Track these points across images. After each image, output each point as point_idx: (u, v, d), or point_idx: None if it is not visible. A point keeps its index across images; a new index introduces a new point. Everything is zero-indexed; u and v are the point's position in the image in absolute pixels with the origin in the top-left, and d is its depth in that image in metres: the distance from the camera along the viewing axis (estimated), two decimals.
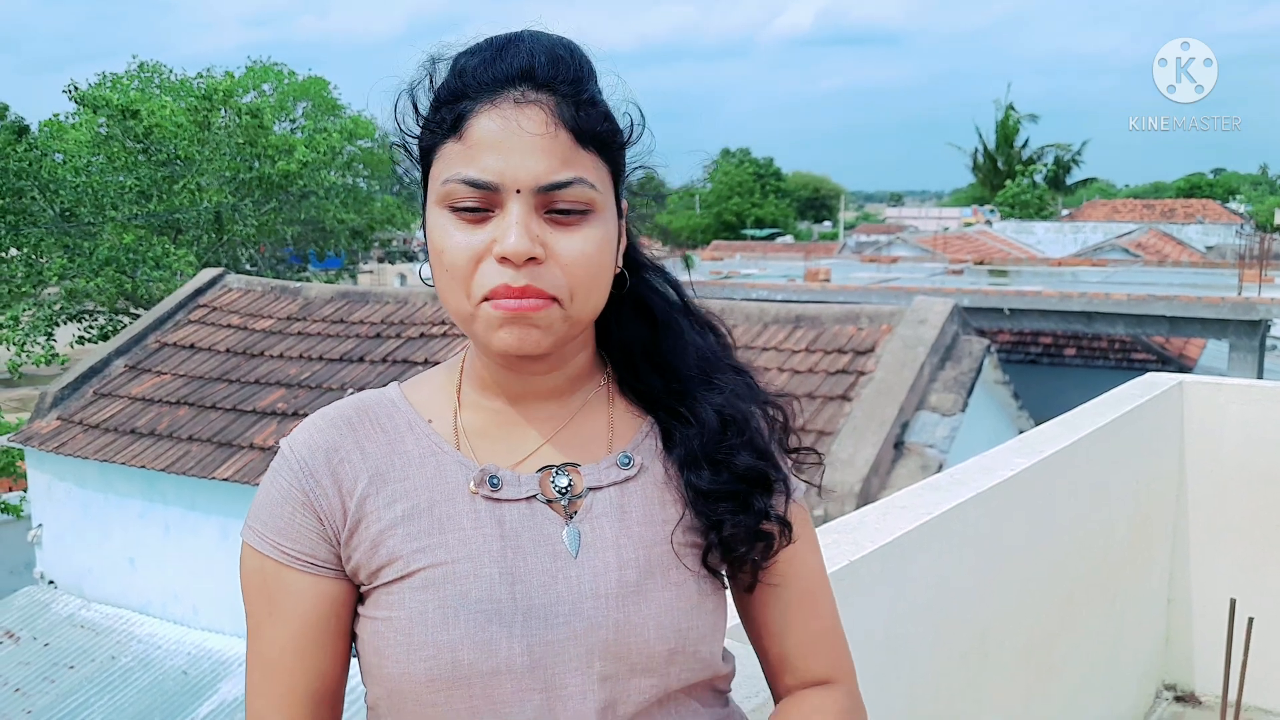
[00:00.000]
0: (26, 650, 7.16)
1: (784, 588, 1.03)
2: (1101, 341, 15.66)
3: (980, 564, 2.30)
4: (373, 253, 33.49)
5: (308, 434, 0.97)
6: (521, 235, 0.87)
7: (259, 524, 0.96)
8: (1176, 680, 3.69)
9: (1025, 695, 2.58)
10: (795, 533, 1.02)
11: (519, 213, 0.88)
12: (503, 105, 0.89)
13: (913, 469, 5.65)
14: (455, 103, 0.91)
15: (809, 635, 1.05)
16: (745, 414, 1.02)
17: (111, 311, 19.40)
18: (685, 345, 1.04)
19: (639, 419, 1.03)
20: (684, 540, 0.98)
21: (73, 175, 19.28)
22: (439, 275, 0.92)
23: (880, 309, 6.98)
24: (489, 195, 0.88)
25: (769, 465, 1.01)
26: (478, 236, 0.89)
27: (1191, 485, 3.55)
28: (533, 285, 0.88)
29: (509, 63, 0.91)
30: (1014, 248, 26.26)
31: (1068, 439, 2.70)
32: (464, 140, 0.89)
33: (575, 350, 0.99)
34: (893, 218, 52.37)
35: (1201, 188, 49.33)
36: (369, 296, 8.39)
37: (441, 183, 0.90)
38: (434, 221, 0.92)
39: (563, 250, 0.89)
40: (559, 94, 0.90)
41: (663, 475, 1.00)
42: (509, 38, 0.93)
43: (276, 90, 28.49)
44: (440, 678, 0.89)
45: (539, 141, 0.88)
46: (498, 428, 0.99)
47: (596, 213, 0.91)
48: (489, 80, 0.90)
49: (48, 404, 7.76)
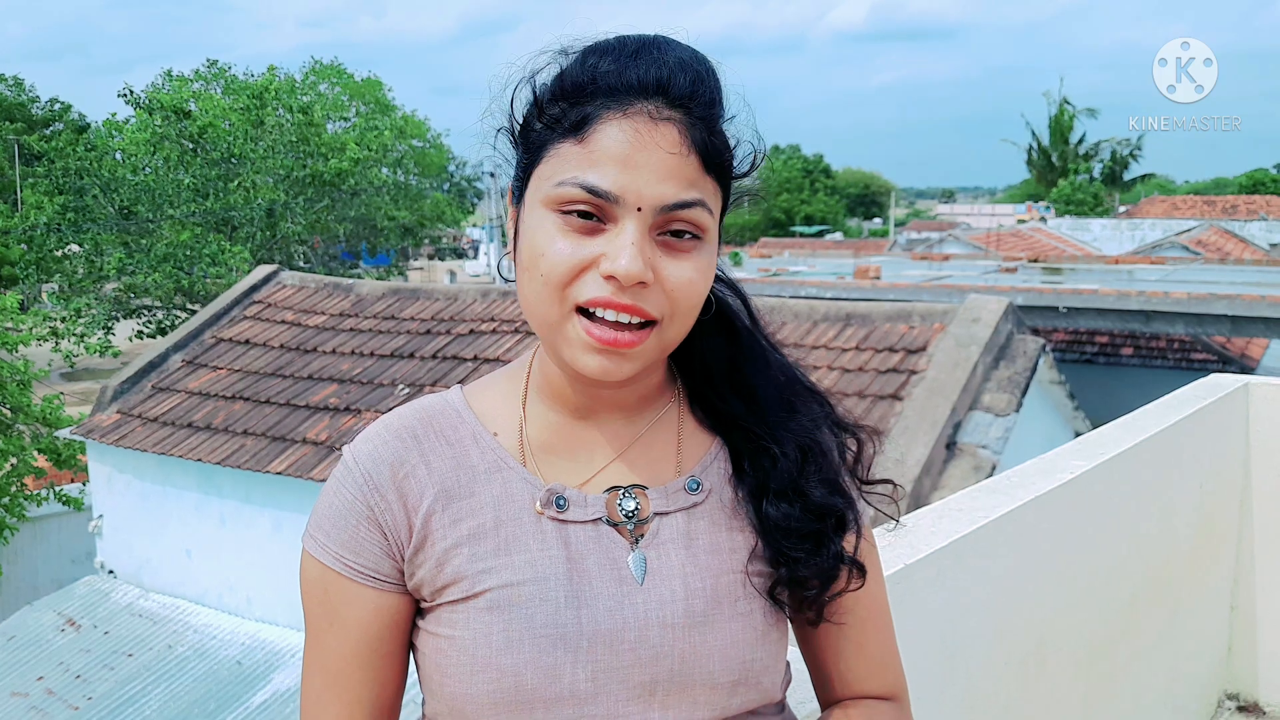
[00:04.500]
0: (87, 638, 7.33)
1: (845, 614, 1.01)
2: (1160, 341, 15.33)
3: (1038, 569, 2.25)
4: (423, 249, 33.82)
5: (372, 445, 0.95)
6: (635, 257, 0.83)
7: (321, 534, 0.94)
8: (1239, 690, 3.59)
9: (1083, 703, 2.53)
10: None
11: (635, 233, 0.84)
12: (636, 117, 0.85)
13: (965, 470, 5.57)
14: (581, 102, 0.86)
15: (866, 659, 1.03)
16: (824, 445, 0.98)
17: (169, 307, 19.84)
18: (768, 366, 1.01)
19: (708, 439, 1.00)
20: (754, 570, 0.96)
21: (131, 174, 19.72)
22: (530, 278, 0.87)
23: (932, 307, 6.89)
24: (605, 206, 0.84)
25: (845, 504, 0.97)
26: (585, 248, 0.85)
27: (1257, 490, 3.45)
28: (637, 304, 0.85)
29: (645, 71, 0.86)
30: (1069, 245, 25.81)
31: (1129, 441, 2.64)
32: (586, 144, 0.85)
33: (652, 367, 0.96)
34: (944, 214, 51.78)
35: (1265, 184, 48.03)
36: (419, 293, 8.47)
37: (555, 183, 0.85)
38: (535, 222, 0.87)
39: (671, 276, 0.86)
40: (692, 114, 0.86)
41: (731, 500, 0.97)
42: (644, 42, 0.89)
43: (333, 90, 28.90)
44: (503, 701, 0.88)
45: (670, 162, 0.85)
46: (564, 443, 0.96)
47: (706, 240, 0.88)
48: (622, 86, 0.86)
49: (108, 398, 7.94)
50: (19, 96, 36.63)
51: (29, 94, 37.39)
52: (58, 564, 11.18)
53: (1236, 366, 14.26)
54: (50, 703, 6.79)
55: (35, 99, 37.67)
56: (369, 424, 1.00)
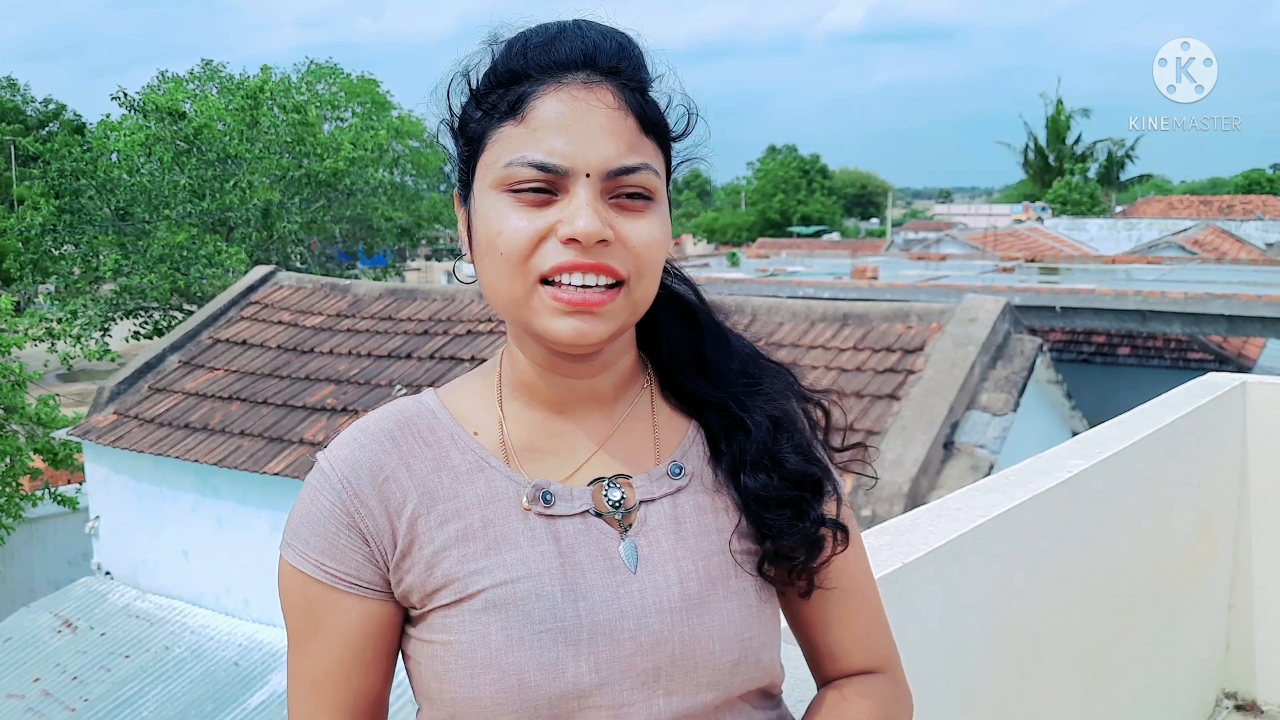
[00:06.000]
0: (84, 639, 7.32)
1: (830, 585, 1.02)
2: (1157, 341, 15.35)
3: (1036, 568, 2.25)
4: (419, 250, 33.80)
5: (349, 450, 0.93)
6: (592, 217, 0.85)
7: (299, 542, 0.93)
8: (1237, 688, 3.59)
9: (1081, 702, 2.53)
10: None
11: (588, 195, 0.86)
12: (570, 86, 0.87)
13: (963, 469, 5.58)
14: (514, 84, 0.89)
15: (856, 629, 1.04)
16: (793, 415, 1.00)
17: (165, 308, 19.81)
18: (728, 344, 1.03)
19: (683, 424, 1.01)
20: (740, 548, 0.96)
21: (127, 175, 19.69)
22: (490, 260, 0.88)
23: (930, 307, 6.89)
24: (555, 179, 0.86)
25: (820, 469, 0.99)
26: (540, 219, 0.86)
27: (1255, 489, 3.45)
28: (603, 262, 0.86)
29: (571, 45, 0.89)
30: (1066, 245, 25.82)
31: (1127, 440, 2.64)
32: (526, 122, 0.87)
33: (621, 351, 0.97)
34: (941, 215, 51.76)
35: (1261, 183, 48.06)
36: (416, 294, 8.47)
37: (503, 166, 0.87)
38: (487, 206, 0.88)
39: (629, 233, 0.87)
40: (622, 79, 0.89)
41: (712, 481, 0.98)
42: (565, 24, 0.92)
43: (329, 90, 28.83)
44: (507, 701, 0.87)
45: (609, 124, 0.87)
46: (545, 439, 0.96)
47: (657, 201, 0.90)
48: (550, 62, 0.88)
49: (105, 399, 7.93)
50: (14, 97, 36.57)
51: (24, 95, 37.34)
52: (54, 565, 11.16)
53: (1233, 366, 14.27)
54: (47, 704, 6.78)
55: (31, 99, 37.63)
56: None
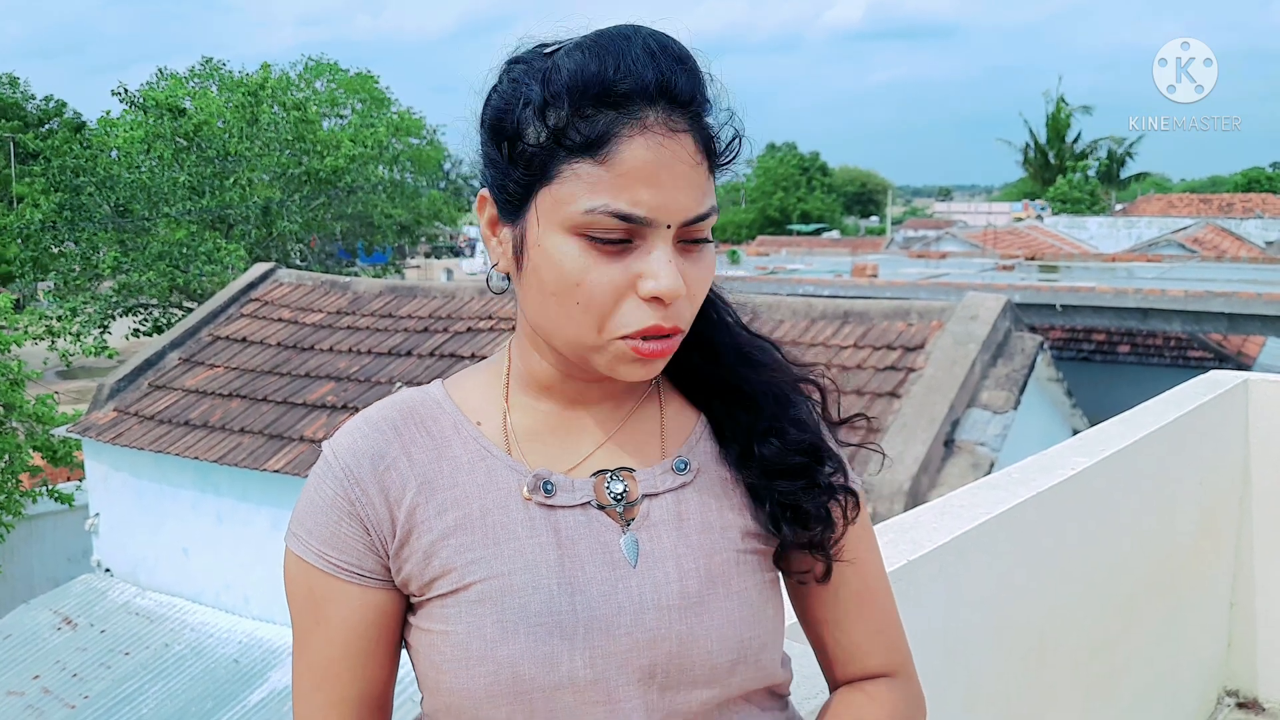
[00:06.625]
0: (83, 636, 7.32)
1: (843, 583, 1.01)
2: (1157, 339, 15.35)
3: (1039, 565, 2.25)
4: (419, 247, 33.79)
5: (351, 438, 0.93)
6: (675, 275, 0.85)
7: (303, 531, 0.93)
8: (1239, 686, 3.59)
9: (1084, 699, 2.53)
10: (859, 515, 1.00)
11: (669, 250, 0.85)
12: (653, 131, 0.83)
13: (963, 467, 5.57)
14: (588, 111, 0.83)
15: (868, 629, 1.03)
16: (788, 390, 1.00)
17: (165, 305, 19.80)
18: (724, 323, 1.02)
19: (691, 418, 1.00)
20: (746, 547, 0.95)
21: (127, 172, 19.67)
22: (560, 304, 0.86)
23: (930, 305, 6.89)
24: (635, 229, 0.84)
25: (823, 440, 0.99)
26: (619, 272, 0.85)
27: (1257, 487, 3.45)
28: (679, 326, 0.88)
29: (643, 70, 0.83)
30: (1066, 243, 25.80)
31: (1129, 438, 2.63)
32: (608, 166, 0.83)
33: None
34: (941, 213, 51.74)
35: (1261, 181, 48.01)
36: (417, 291, 8.46)
37: (583, 210, 0.83)
38: (557, 245, 0.85)
39: (692, 280, 0.88)
40: (692, 114, 0.86)
41: (719, 478, 0.97)
42: (622, 35, 0.85)
43: (328, 87, 28.80)
44: (500, 693, 0.87)
45: (691, 175, 0.85)
46: (550, 431, 0.96)
47: (709, 237, 0.91)
48: (625, 93, 0.83)
49: (105, 395, 7.92)
50: (14, 94, 36.54)
51: (24, 92, 37.31)
52: (54, 562, 11.15)
53: (1233, 364, 14.27)
54: (46, 701, 6.78)
55: (30, 96, 37.59)
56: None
